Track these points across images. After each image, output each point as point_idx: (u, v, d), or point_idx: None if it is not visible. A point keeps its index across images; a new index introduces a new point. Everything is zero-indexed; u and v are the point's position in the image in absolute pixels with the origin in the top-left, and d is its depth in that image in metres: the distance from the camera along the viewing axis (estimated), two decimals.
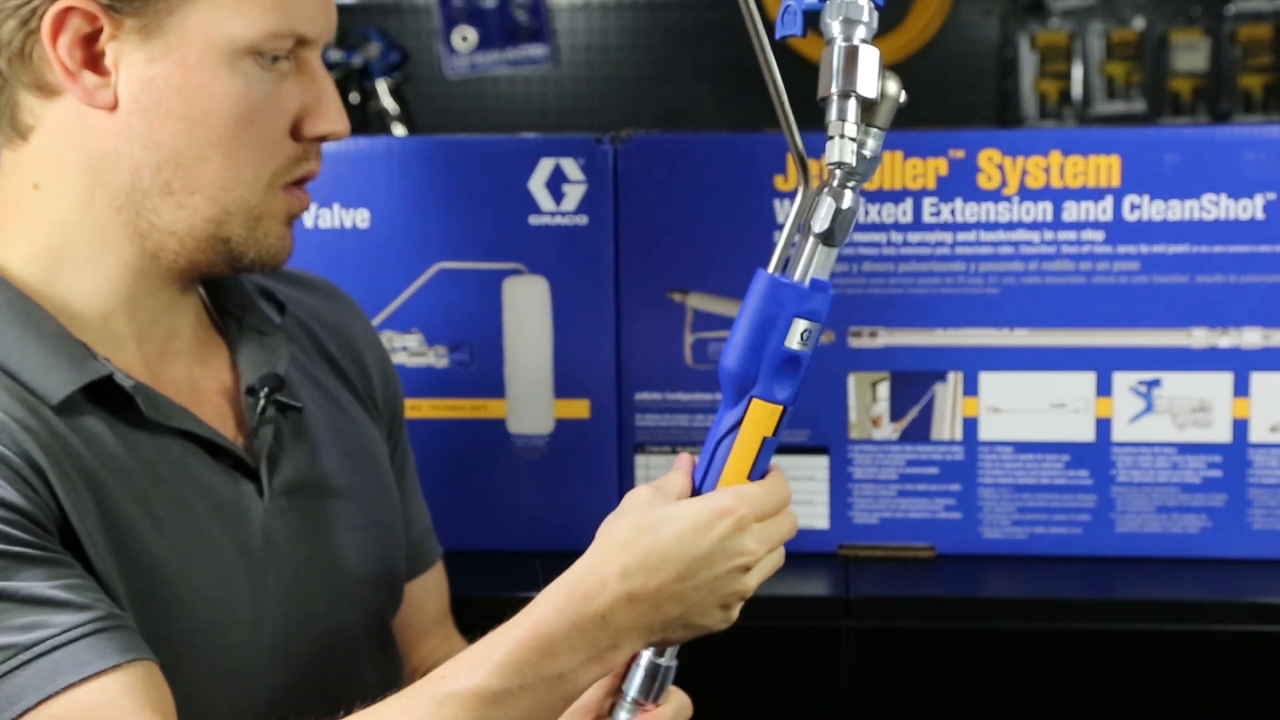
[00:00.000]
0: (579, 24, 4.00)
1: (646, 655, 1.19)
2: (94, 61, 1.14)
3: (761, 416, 1.15)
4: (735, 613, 1.15)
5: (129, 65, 1.14)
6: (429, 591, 1.50)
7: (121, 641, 1.07)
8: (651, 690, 1.20)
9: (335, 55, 3.90)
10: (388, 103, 3.90)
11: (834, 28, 1.13)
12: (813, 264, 1.15)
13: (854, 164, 1.13)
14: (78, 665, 1.05)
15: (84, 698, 1.05)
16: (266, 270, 1.24)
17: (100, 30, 1.13)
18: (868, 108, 1.13)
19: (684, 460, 1.19)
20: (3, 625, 1.04)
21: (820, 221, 1.14)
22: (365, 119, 3.91)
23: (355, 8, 4.00)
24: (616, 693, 1.21)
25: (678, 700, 1.23)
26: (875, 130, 1.14)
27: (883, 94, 1.13)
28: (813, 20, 1.15)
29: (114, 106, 1.15)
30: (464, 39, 3.99)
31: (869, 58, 1.12)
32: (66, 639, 1.05)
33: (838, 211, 1.13)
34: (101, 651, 1.06)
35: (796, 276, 1.14)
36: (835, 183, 1.13)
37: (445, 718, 1.06)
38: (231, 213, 1.18)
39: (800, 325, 1.14)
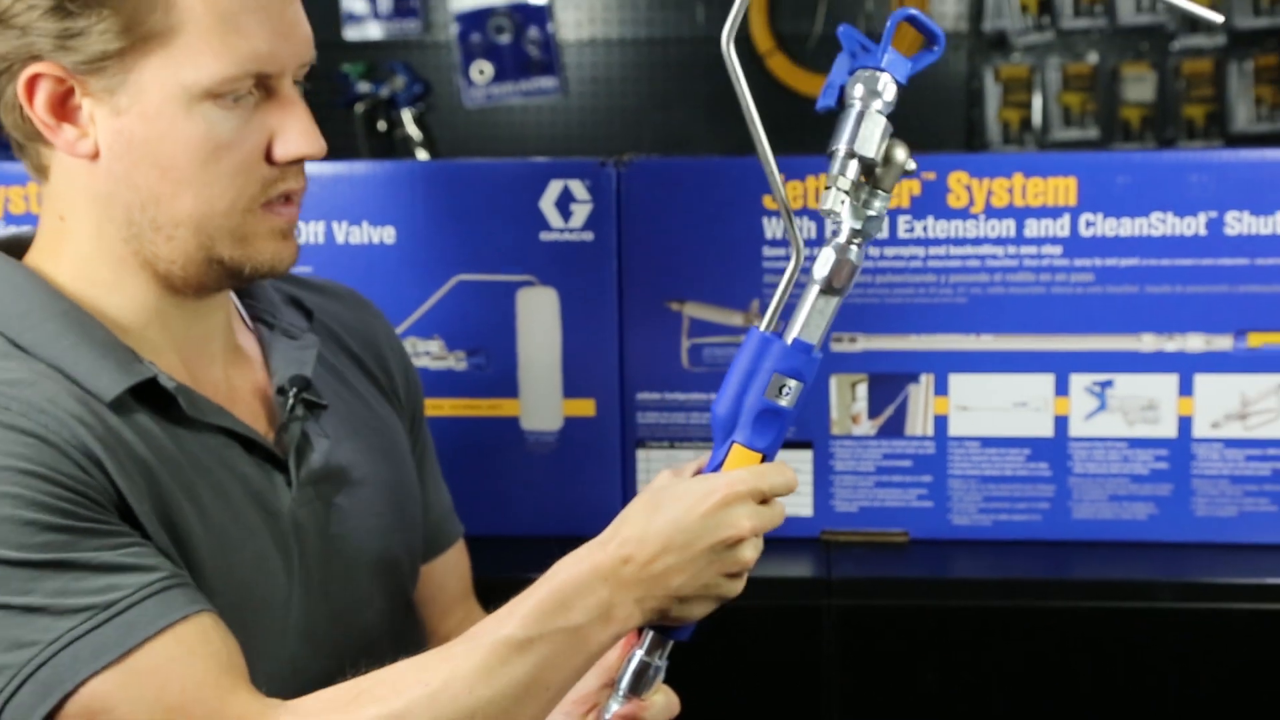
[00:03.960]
0: (585, 59, 4.00)
1: (639, 653, 1.20)
2: (71, 115, 1.13)
3: (741, 461, 1.15)
4: (737, 586, 1.16)
5: (101, 118, 1.13)
6: (451, 568, 1.49)
7: (187, 595, 1.08)
8: (640, 685, 1.20)
9: (365, 87, 3.91)
10: (412, 130, 3.90)
11: (855, 92, 1.13)
12: (809, 317, 1.15)
13: (842, 213, 1.13)
14: (150, 620, 1.05)
15: (161, 649, 1.05)
16: (271, 277, 1.22)
17: (71, 89, 1.12)
18: (873, 171, 1.14)
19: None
20: (80, 589, 1.05)
21: (821, 269, 1.14)
22: (391, 145, 3.91)
23: (382, 44, 4.01)
24: (611, 685, 1.22)
25: (666, 697, 1.24)
26: (881, 192, 1.14)
27: (887, 159, 1.14)
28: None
29: (95, 155, 1.14)
30: (481, 72, 3.99)
31: (876, 125, 1.13)
32: (139, 597, 1.06)
33: (837, 262, 1.13)
34: (171, 606, 1.06)
35: (790, 335, 1.14)
36: (843, 239, 1.13)
37: (478, 660, 1.09)
38: (216, 238, 1.16)
39: (780, 381, 1.14)
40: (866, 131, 1.12)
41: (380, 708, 1.08)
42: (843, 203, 1.13)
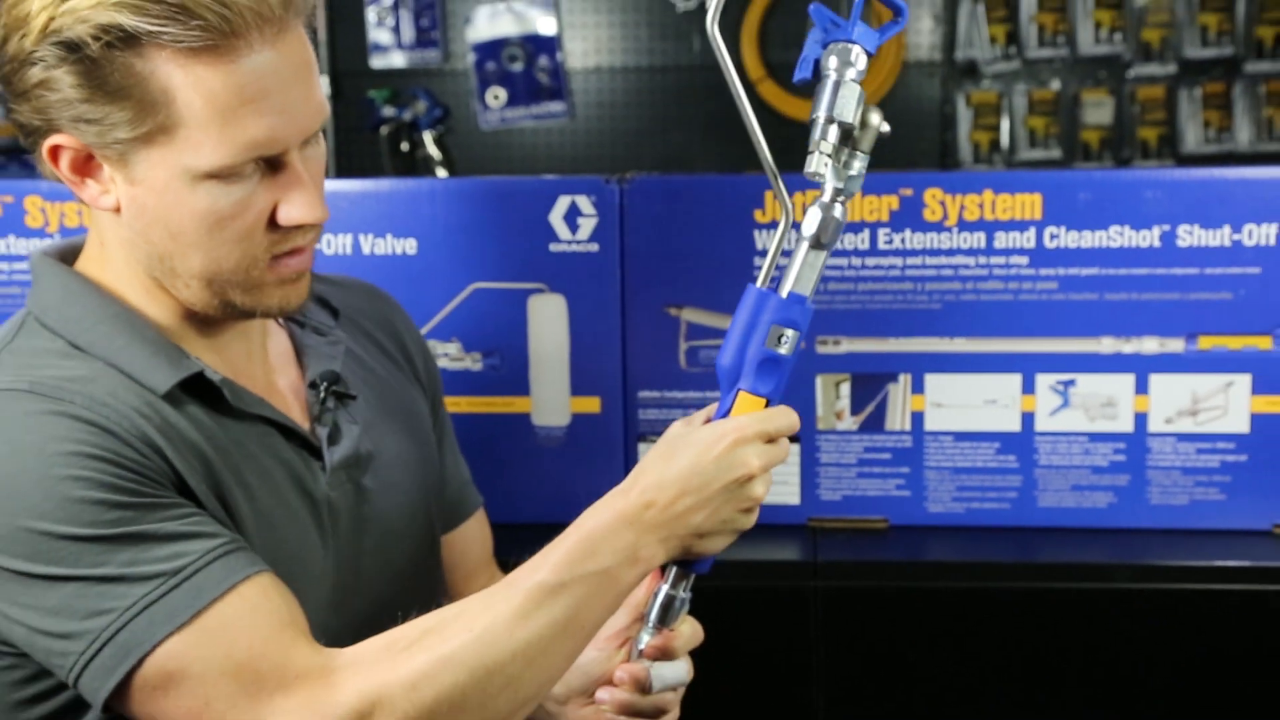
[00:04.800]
0: (591, 85, 4.00)
1: (664, 588, 1.21)
2: (94, 173, 1.13)
3: (747, 407, 1.16)
4: (752, 518, 1.18)
5: (119, 181, 1.13)
6: (473, 536, 1.49)
7: (247, 557, 1.09)
8: (668, 617, 1.21)
9: (389, 111, 3.91)
10: (432, 150, 3.90)
11: (830, 64, 1.14)
12: (800, 271, 1.15)
13: (825, 174, 1.14)
14: (216, 582, 1.06)
15: (227, 608, 1.06)
16: (282, 316, 1.22)
17: (92, 155, 1.12)
18: (851, 134, 1.15)
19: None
20: (149, 558, 1.05)
21: (809, 226, 1.15)
22: (414, 164, 3.91)
23: (406, 72, 4.01)
24: (641, 619, 1.24)
25: (691, 625, 1.26)
26: (860, 154, 1.15)
27: (863, 123, 1.15)
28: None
29: (118, 209, 1.14)
30: (496, 98, 3.99)
31: (851, 92, 1.14)
32: (204, 562, 1.06)
33: (825, 218, 1.15)
34: (233, 568, 1.07)
35: (783, 290, 1.15)
36: (826, 197, 1.14)
37: (516, 605, 1.10)
38: (226, 289, 1.16)
39: (778, 331, 1.14)
40: (844, 98, 1.13)
41: (430, 654, 1.08)
42: (826, 164, 1.14)
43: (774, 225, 1.63)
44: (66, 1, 1.07)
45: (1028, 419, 1.67)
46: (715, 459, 1.13)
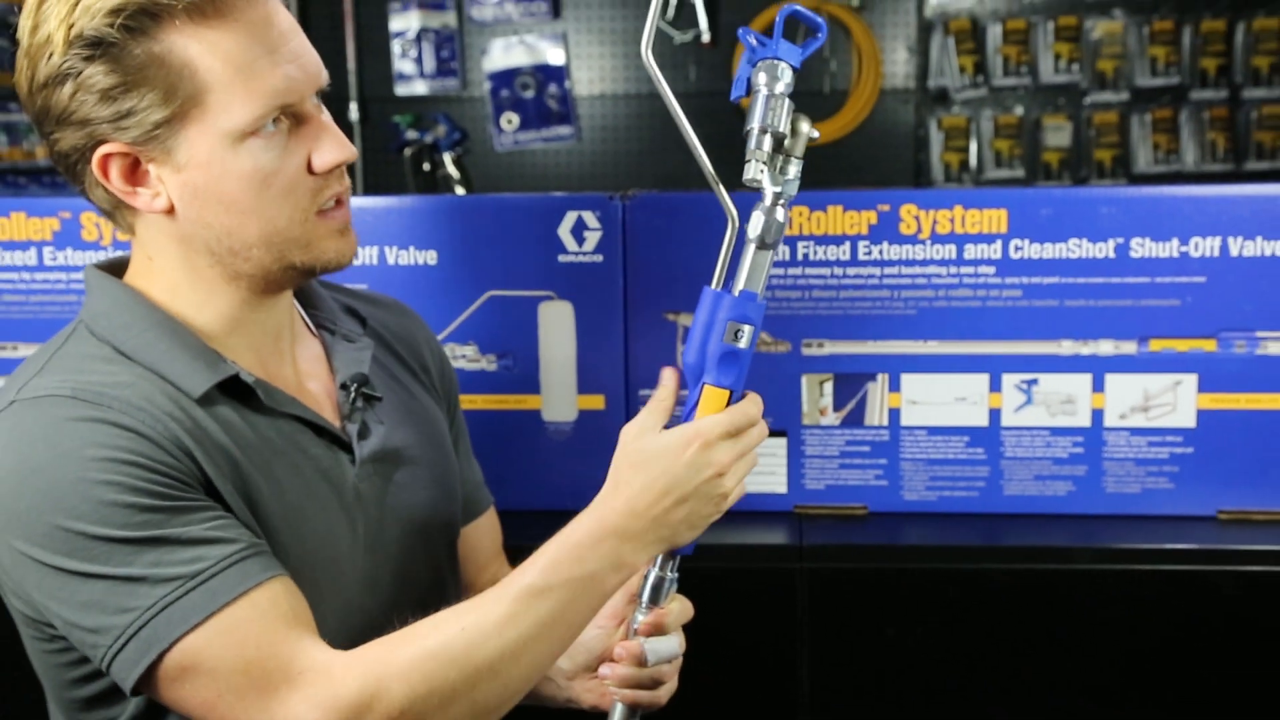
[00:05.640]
0: (596, 110, 4.01)
1: (653, 570, 1.20)
2: (143, 180, 1.13)
3: (711, 398, 1.16)
4: (727, 505, 1.17)
5: (167, 178, 1.13)
6: (484, 531, 1.49)
7: (262, 563, 1.08)
8: (659, 596, 1.22)
9: (412, 134, 3.91)
10: (451, 170, 3.90)
11: (760, 80, 1.14)
12: (749, 271, 1.15)
13: (763, 180, 1.15)
14: (231, 587, 1.06)
15: (239, 610, 1.06)
16: (338, 270, 1.21)
17: (138, 159, 1.12)
18: (783, 142, 1.15)
19: (667, 374, 1.21)
20: (172, 560, 1.05)
21: (754, 229, 1.15)
22: (434, 182, 3.91)
23: (427, 98, 4.01)
24: (635, 600, 1.24)
25: (681, 603, 1.26)
26: (794, 159, 1.15)
27: (794, 130, 1.15)
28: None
29: (171, 209, 1.14)
30: (509, 122, 3.99)
31: (781, 104, 1.14)
32: (221, 567, 1.06)
33: (768, 221, 1.15)
34: (247, 573, 1.07)
35: (735, 289, 1.15)
36: (767, 202, 1.14)
37: (505, 606, 1.10)
38: (285, 249, 1.16)
39: (735, 327, 1.14)
40: (774, 110, 1.14)
41: (424, 650, 1.08)
42: (763, 171, 1.14)
43: None
44: (78, 7, 1.08)
45: (994, 415, 1.66)
46: (686, 463, 1.13)
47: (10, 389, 1.13)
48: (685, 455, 1.13)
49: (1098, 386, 1.65)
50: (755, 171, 1.14)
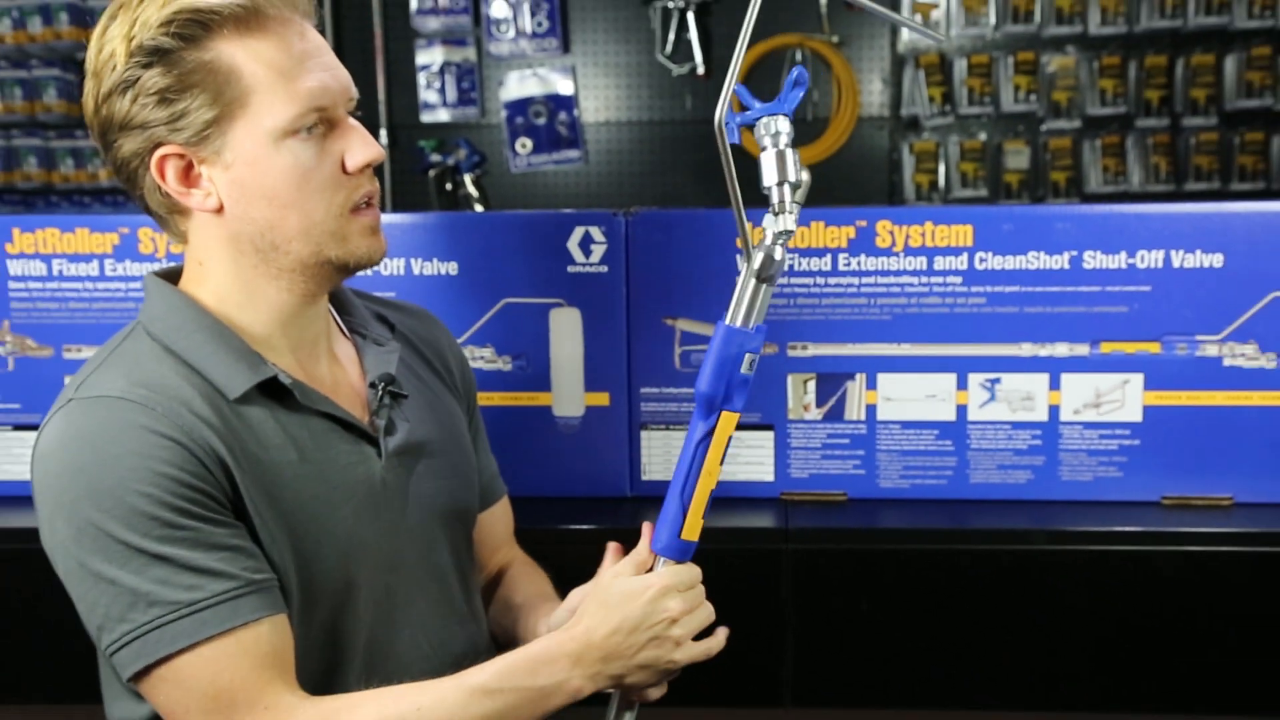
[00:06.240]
0: (602, 135, 4.00)
1: (622, 711, 1.22)
2: (195, 182, 1.14)
3: (729, 422, 1.16)
4: (680, 655, 1.18)
5: (216, 177, 1.14)
6: (498, 518, 1.49)
7: (254, 602, 1.09)
8: None
9: (436, 157, 3.91)
10: (471, 189, 3.90)
11: (765, 140, 1.13)
12: (757, 304, 1.15)
13: (775, 224, 1.15)
14: (219, 621, 1.07)
15: (220, 645, 1.07)
16: (369, 266, 1.21)
17: (191, 162, 1.13)
18: (796, 189, 1.15)
19: (647, 530, 1.22)
20: (175, 583, 1.06)
21: (763, 269, 1.15)
22: (456, 200, 3.91)
23: (450, 125, 4.01)
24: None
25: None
26: (796, 204, 1.15)
27: (799, 181, 1.14)
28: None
29: (220, 208, 1.15)
30: (523, 146, 3.99)
31: (793, 158, 1.13)
32: (214, 602, 1.07)
33: (769, 259, 1.14)
34: (237, 611, 1.07)
35: (750, 323, 1.14)
36: (769, 241, 1.14)
37: (459, 696, 1.12)
38: (323, 243, 1.16)
39: (749, 358, 1.14)
40: (791, 164, 1.14)
41: (378, 711, 1.10)
42: (795, 220, 1.15)
43: None
44: (138, 20, 1.10)
45: (961, 410, 1.66)
46: (643, 605, 1.15)
47: (72, 385, 1.14)
48: (644, 597, 1.15)
49: (1054, 385, 1.64)
50: (790, 223, 1.14)
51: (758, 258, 1.14)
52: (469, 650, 1.30)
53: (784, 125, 1.15)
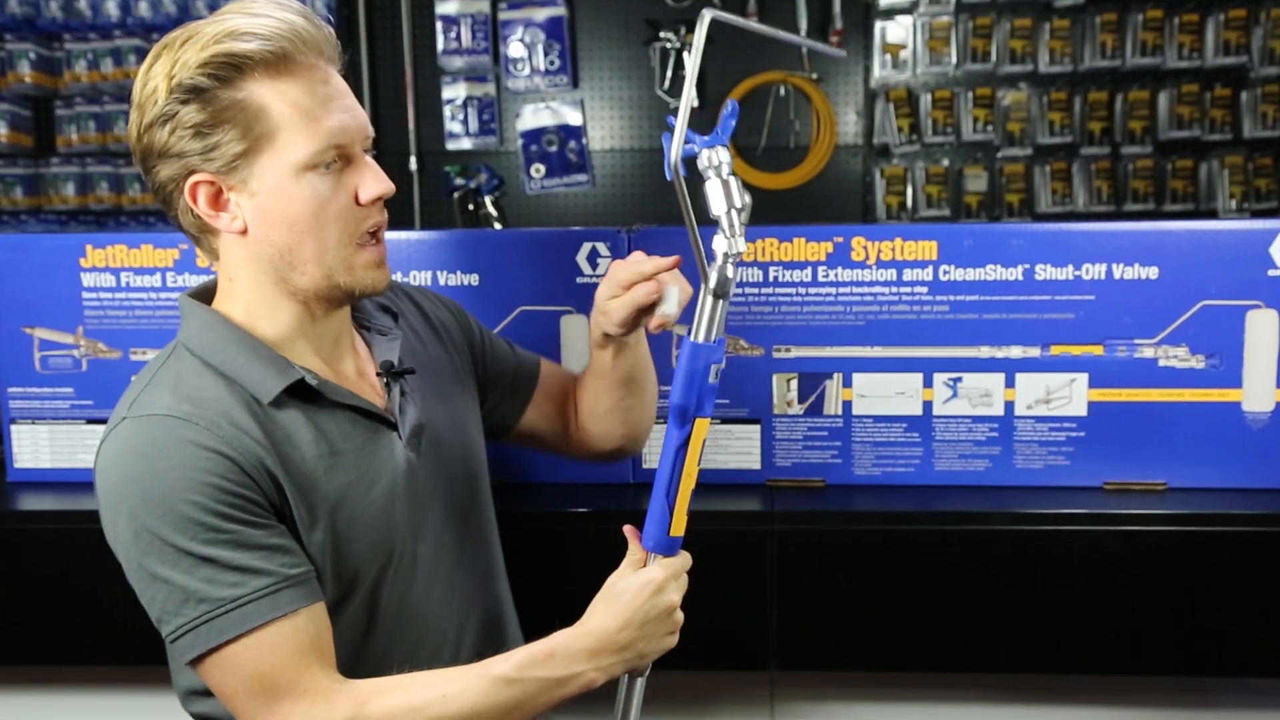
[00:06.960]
0: (608, 161, 4.00)
1: (634, 679, 1.20)
2: (224, 206, 1.13)
3: (703, 428, 1.14)
4: (676, 637, 1.19)
5: (243, 203, 1.13)
6: (551, 374, 1.48)
7: (292, 595, 1.09)
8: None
9: (459, 181, 3.90)
10: (491, 210, 3.89)
11: (709, 172, 1.12)
12: (716, 319, 1.13)
13: (720, 248, 1.12)
14: (261, 614, 1.07)
15: (263, 635, 1.07)
16: (372, 295, 1.20)
17: (221, 189, 1.12)
18: (742, 212, 1.13)
19: (629, 532, 1.21)
20: (220, 581, 1.06)
21: (719, 287, 1.12)
22: (478, 219, 3.90)
23: (472, 152, 4.00)
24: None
25: (681, 289, 1.25)
26: (743, 224, 1.13)
27: (744, 205, 1.12)
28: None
29: (245, 231, 1.14)
30: (537, 171, 3.99)
31: (736, 185, 1.12)
32: (256, 596, 1.07)
33: (724, 278, 1.12)
34: (277, 604, 1.07)
35: (713, 336, 1.12)
36: (719, 262, 1.12)
37: (481, 685, 1.12)
38: (333, 269, 1.16)
39: (714, 368, 1.12)
40: (735, 191, 1.11)
41: (406, 697, 1.10)
42: (744, 242, 1.12)
43: (737, 265, 1.62)
44: (179, 60, 1.09)
45: (927, 406, 1.65)
46: (648, 598, 1.15)
47: (124, 404, 1.14)
48: (648, 591, 1.15)
49: (1009, 383, 1.64)
50: (741, 244, 1.11)
51: (714, 278, 1.12)
52: (492, 606, 1.30)
53: (724, 155, 1.13)
